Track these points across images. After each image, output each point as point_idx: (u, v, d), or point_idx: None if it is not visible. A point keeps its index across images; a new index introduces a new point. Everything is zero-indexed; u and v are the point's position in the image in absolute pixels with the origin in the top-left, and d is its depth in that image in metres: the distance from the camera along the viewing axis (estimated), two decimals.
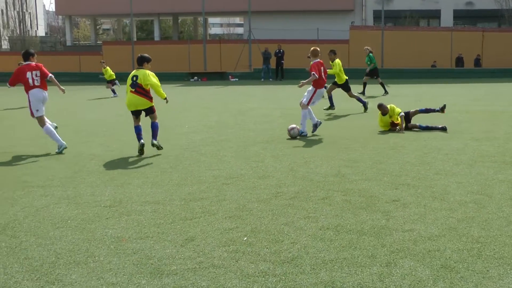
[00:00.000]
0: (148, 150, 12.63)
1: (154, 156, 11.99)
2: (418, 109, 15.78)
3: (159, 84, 12.62)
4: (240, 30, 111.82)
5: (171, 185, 9.40)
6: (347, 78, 19.83)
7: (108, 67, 31.69)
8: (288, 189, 8.97)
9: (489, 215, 7.43)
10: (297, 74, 42.29)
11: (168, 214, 7.70)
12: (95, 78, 33.46)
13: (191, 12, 65.29)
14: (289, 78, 41.76)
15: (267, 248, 6.32)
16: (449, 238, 6.53)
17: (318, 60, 15.07)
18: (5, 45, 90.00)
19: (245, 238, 6.65)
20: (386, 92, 27.70)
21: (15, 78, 13.15)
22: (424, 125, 15.13)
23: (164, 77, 44.54)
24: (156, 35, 68.89)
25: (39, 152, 12.67)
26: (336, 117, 18.27)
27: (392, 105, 15.44)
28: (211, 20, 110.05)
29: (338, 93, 21.03)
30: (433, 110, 15.69)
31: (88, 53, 53.58)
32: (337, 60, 19.83)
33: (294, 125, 14.39)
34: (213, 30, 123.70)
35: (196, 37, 78.63)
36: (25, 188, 9.34)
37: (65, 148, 12.72)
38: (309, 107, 14.76)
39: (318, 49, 15.42)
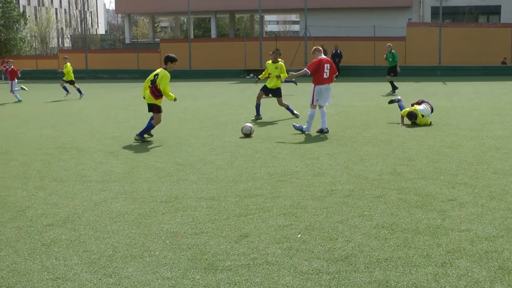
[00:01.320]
0: (205, 148, 12.78)
1: (209, 153, 12.08)
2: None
3: (168, 91, 13.69)
4: (296, 27, 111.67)
5: (226, 181, 9.46)
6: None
7: (68, 64, 29.29)
8: (342, 186, 8.95)
9: None
10: (354, 71, 42.18)
11: (223, 210, 7.76)
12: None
13: (247, 9, 65.49)
14: (345, 75, 41.54)
15: (321, 245, 6.32)
16: (507, 239, 6.44)
17: (322, 56, 14.74)
18: (67, 43, 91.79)
19: (299, 236, 6.66)
20: (393, 91, 27.39)
21: None
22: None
23: (220, 74, 45.19)
24: (213, 33, 69.32)
25: (97, 148, 12.88)
26: (388, 114, 18.11)
27: (422, 117, 15.68)
28: (267, 17, 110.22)
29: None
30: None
31: (146, 50, 54.22)
32: (282, 63, 18.00)
33: (245, 124, 14.59)
34: (269, 27, 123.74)
35: (252, 34, 78.78)
36: (84, 182, 9.53)
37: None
38: (323, 110, 14.64)
39: (320, 48, 15.09)
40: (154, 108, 13.96)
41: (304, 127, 14.54)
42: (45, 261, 5.97)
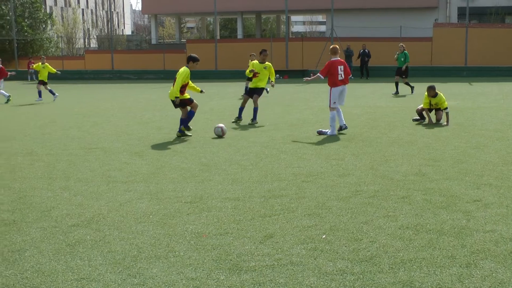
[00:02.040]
0: (230, 148, 12.81)
1: (235, 153, 12.11)
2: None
3: (178, 86, 14.31)
4: (322, 28, 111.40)
5: (251, 182, 9.47)
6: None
7: (47, 65, 28.05)
8: (367, 187, 8.93)
9: None
10: (380, 71, 41.99)
11: (248, 211, 7.78)
12: None
13: (274, 10, 65.43)
14: (371, 75, 41.39)
15: (346, 246, 6.32)
16: None
17: (337, 58, 14.79)
18: (94, 43, 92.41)
19: (324, 236, 6.66)
20: (412, 90, 27.20)
21: None
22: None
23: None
24: (239, 33, 69.37)
25: (123, 148, 12.95)
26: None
27: (443, 95, 16.20)
28: (294, 18, 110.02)
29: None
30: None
31: (172, 51, 54.35)
32: (270, 64, 17.77)
33: (219, 124, 14.67)
34: (296, 28, 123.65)
35: (278, 35, 78.74)
36: (109, 183, 9.58)
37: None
38: (338, 107, 14.61)
39: (337, 46, 15.07)
40: (185, 103, 14.65)
41: (328, 131, 14.49)
42: (70, 262, 6.02)
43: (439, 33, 46.76)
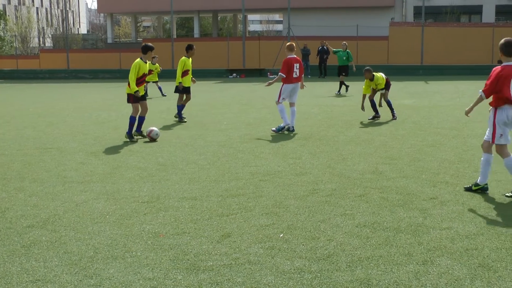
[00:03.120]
0: (187, 148, 12.75)
1: (192, 153, 12.06)
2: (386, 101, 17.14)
3: (132, 81, 13.74)
4: (279, 27, 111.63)
5: (209, 181, 9.44)
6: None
7: None
8: (325, 186, 8.96)
9: None
10: (336, 70, 42.16)
11: (205, 210, 7.74)
12: None
13: (230, 9, 65.49)
14: (330, 74, 41.53)
15: (303, 245, 6.32)
16: (487, 237, 6.47)
17: (293, 55, 14.99)
18: (49, 42, 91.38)
19: (281, 235, 6.66)
20: (339, 92, 26.93)
21: None
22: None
23: (202, 74, 45.04)
24: (196, 32, 69.24)
25: (79, 148, 12.81)
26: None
27: (379, 76, 16.83)
28: (251, 17, 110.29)
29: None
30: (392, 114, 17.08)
31: (129, 50, 54.01)
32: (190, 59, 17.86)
33: (152, 128, 14.19)
34: (252, 27, 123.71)
35: (235, 34, 78.81)
36: (65, 183, 9.47)
37: None
38: (293, 107, 14.93)
39: (294, 44, 15.30)
40: (129, 98, 14.04)
41: (281, 125, 14.59)
42: (25, 263, 5.92)
43: (395, 32, 47.21)
